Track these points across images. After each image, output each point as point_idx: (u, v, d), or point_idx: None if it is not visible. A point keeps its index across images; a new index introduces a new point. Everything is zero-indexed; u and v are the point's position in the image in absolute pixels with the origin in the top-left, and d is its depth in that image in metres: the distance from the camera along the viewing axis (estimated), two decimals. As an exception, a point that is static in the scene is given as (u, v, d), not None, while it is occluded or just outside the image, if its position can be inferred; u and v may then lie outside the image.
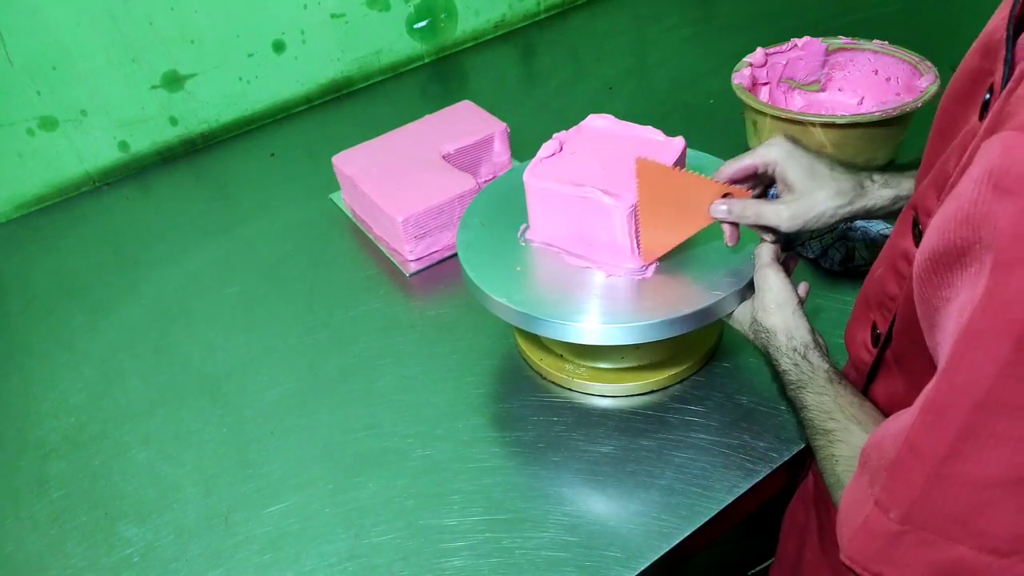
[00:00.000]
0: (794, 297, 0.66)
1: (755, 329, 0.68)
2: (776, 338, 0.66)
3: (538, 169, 0.76)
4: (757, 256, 0.69)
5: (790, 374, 0.64)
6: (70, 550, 0.75)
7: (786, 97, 1.14)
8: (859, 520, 0.47)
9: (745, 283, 0.71)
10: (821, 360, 0.63)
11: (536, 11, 1.60)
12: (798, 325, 0.65)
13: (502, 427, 0.81)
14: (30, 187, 1.23)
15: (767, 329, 0.66)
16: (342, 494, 0.76)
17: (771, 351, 0.66)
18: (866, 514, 0.46)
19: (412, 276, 1.01)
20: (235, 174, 1.27)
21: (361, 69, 1.44)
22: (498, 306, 0.73)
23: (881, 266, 0.59)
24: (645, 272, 0.74)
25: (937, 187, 0.50)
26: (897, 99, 1.05)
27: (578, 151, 0.78)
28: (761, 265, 0.68)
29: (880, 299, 0.59)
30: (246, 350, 0.94)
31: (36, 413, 0.90)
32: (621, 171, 0.74)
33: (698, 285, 0.72)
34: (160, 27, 1.21)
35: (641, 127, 0.79)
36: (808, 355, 0.63)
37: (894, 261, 0.57)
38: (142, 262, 1.10)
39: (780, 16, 1.47)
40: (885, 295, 0.58)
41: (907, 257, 0.54)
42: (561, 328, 0.70)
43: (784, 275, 0.67)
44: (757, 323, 0.68)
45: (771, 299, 0.66)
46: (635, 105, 1.29)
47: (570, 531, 0.70)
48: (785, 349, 0.65)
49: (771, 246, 0.69)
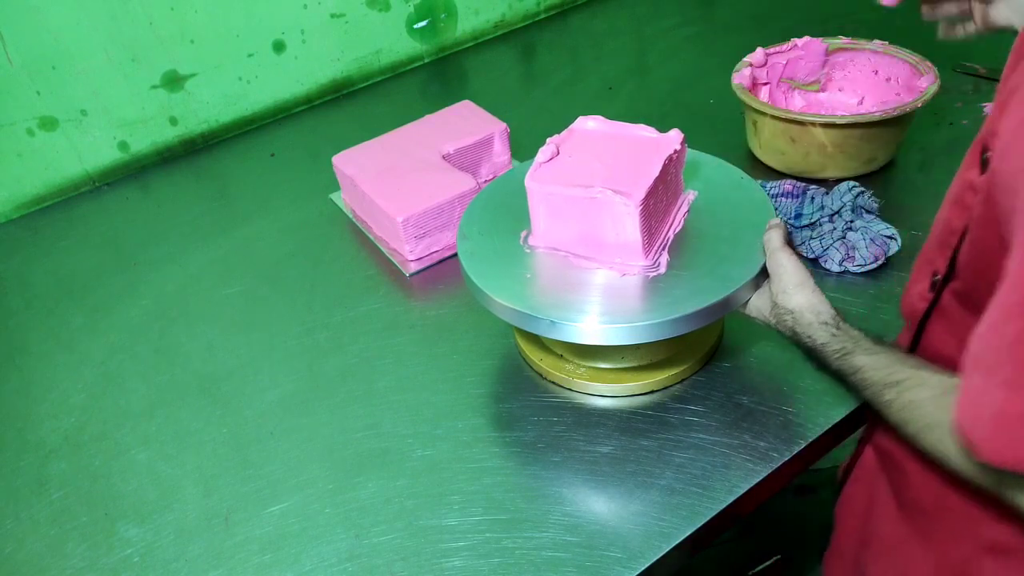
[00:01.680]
0: (810, 276, 0.67)
1: (777, 313, 0.69)
2: (804, 316, 0.66)
3: (539, 174, 0.75)
4: (767, 241, 0.71)
5: (831, 344, 0.64)
6: (70, 550, 0.75)
7: (786, 97, 1.14)
8: (990, 414, 0.46)
9: (754, 274, 0.71)
10: (855, 329, 0.64)
11: (536, 11, 1.60)
12: (821, 301, 0.66)
13: (502, 427, 0.81)
14: (30, 187, 1.23)
15: (791, 311, 0.67)
16: (342, 494, 0.76)
17: (799, 330, 0.67)
18: (997, 404, 0.45)
19: (412, 276, 1.01)
20: (235, 174, 1.27)
21: (361, 69, 1.44)
22: (498, 306, 0.73)
23: (946, 204, 0.61)
24: (657, 268, 0.74)
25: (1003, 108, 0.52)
26: (897, 99, 1.05)
27: (575, 153, 0.78)
28: (773, 250, 0.69)
29: (943, 237, 0.61)
30: (246, 350, 0.94)
31: (36, 413, 0.90)
32: (623, 169, 0.74)
33: (708, 279, 0.72)
34: (160, 27, 1.21)
35: (633, 125, 0.79)
36: (841, 325, 0.64)
37: (960, 195, 0.58)
38: (142, 262, 1.10)
39: (780, 16, 1.47)
40: (949, 231, 0.60)
41: (972, 187, 0.56)
42: (561, 328, 0.70)
43: (796, 256, 0.69)
44: (779, 307, 0.68)
45: (788, 280, 0.67)
46: (635, 105, 1.29)
47: (570, 531, 0.70)
48: (817, 324, 0.65)
49: (779, 230, 0.70)
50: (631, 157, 0.75)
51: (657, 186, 0.73)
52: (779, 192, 0.98)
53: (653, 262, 0.74)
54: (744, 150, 1.11)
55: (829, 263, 0.91)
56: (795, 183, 0.98)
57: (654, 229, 0.75)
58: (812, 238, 0.93)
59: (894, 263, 0.91)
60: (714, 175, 0.84)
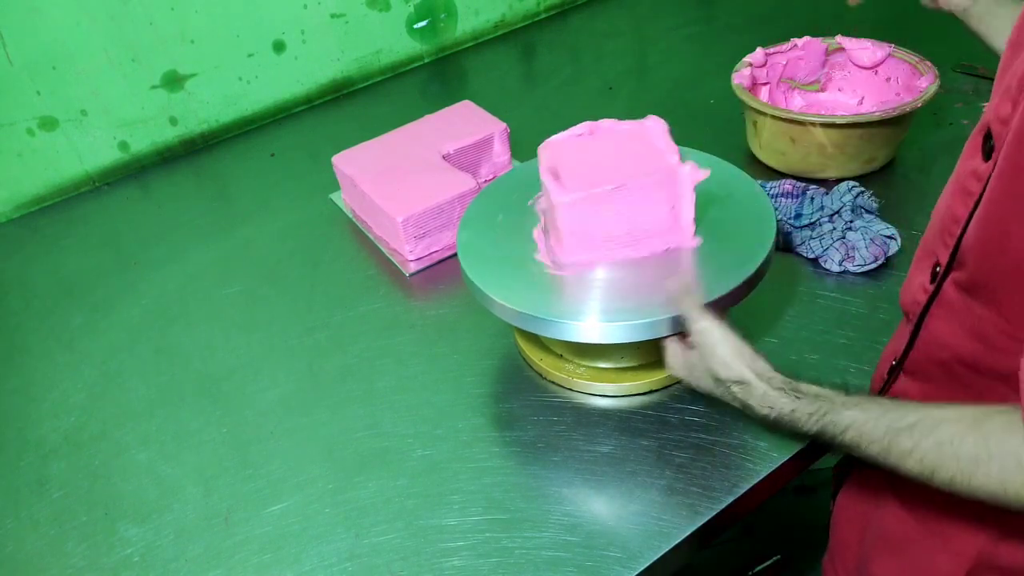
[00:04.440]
0: (743, 342, 0.64)
1: (724, 388, 0.64)
2: (754, 388, 0.61)
3: (565, 188, 0.73)
4: (687, 317, 0.66)
5: (800, 409, 0.59)
6: (70, 550, 0.75)
7: (786, 97, 1.14)
8: None
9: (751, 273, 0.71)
10: (813, 385, 0.60)
11: (536, 11, 1.60)
12: (764, 367, 0.62)
13: (502, 427, 0.81)
14: (30, 187, 1.23)
15: (739, 380, 0.62)
16: (342, 494, 0.76)
17: (753, 402, 0.62)
18: None
19: (412, 276, 1.01)
20: (235, 174, 1.27)
21: (361, 69, 1.44)
22: (498, 306, 0.73)
23: (946, 195, 0.61)
24: (695, 240, 0.75)
25: (1011, 94, 0.51)
26: (897, 99, 1.05)
27: (574, 163, 0.76)
28: (694, 321, 0.65)
29: (945, 225, 0.59)
30: (246, 350, 0.94)
31: (36, 413, 0.90)
32: (630, 158, 0.74)
33: (708, 279, 0.72)
34: (160, 27, 1.21)
35: (604, 121, 0.79)
36: (797, 387, 0.60)
37: (963, 182, 0.57)
38: (142, 262, 1.10)
39: (780, 16, 1.47)
40: (951, 219, 0.59)
41: (976, 174, 0.56)
42: (561, 328, 0.70)
43: (720, 321, 0.65)
44: (722, 381, 0.64)
45: (723, 352, 0.63)
46: (635, 105, 1.29)
47: (570, 531, 0.70)
48: (772, 393, 0.61)
49: (693, 299, 0.67)
50: (628, 147, 0.75)
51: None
52: (779, 192, 0.98)
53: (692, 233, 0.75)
54: (744, 150, 1.11)
55: (829, 263, 0.91)
56: (795, 183, 0.98)
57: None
58: (812, 238, 0.93)
59: (894, 263, 0.91)
60: (714, 175, 0.84)
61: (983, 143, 0.55)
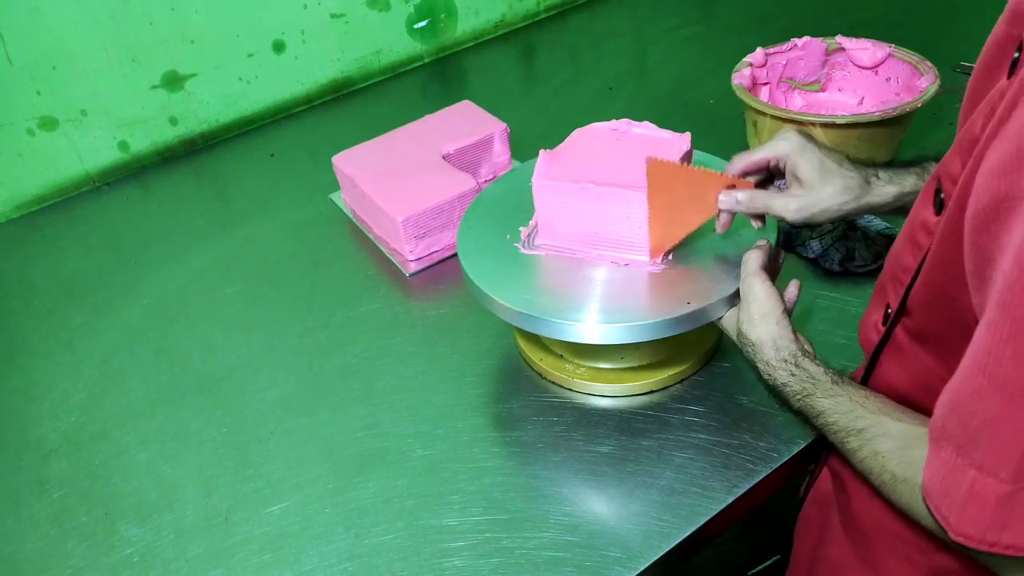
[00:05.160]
0: (779, 306, 0.65)
1: (741, 341, 0.67)
2: (764, 351, 0.64)
3: (549, 172, 0.75)
4: (744, 263, 0.68)
5: (791, 385, 0.62)
6: (70, 550, 0.75)
7: (786, 97, 1.14)
8: (961, 493, 0.44)
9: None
10: (815, 365, 0.62)
11: (536, 11, 1.60)
12: (783, 334, 0.64)
13: (502, 427, 0.81)
14: (30, 187, 1.23)
15: (752, 343, 0.65)
16: (342, 494, 0.76)
17: (760, 365, 0.65)
18: (968, 484, 0.44)
19: (412, 276, 1.01)
20: (235, 174, 1.27)
21: (361, 69, 1.44)
22: (498, 306, 0.74)
23: (899, 240, 0.59)
24: (668, 258, 0.75)
25: (963, 152, 0.49)
26: (897, 99, 1.05)
27: (581, 152, 0.78)
28: (747, 274, 0.66)
29: (895, 272, 0.59)
30: (246, 350, 0.94)
31: (36, 413, 0.90)
32: (630, 166, 0.74)
33: (708, 279, 0.72)
34: (160, 27, 1.21)
35: (641, 124, 0.79)
36: (800, 363, 0.62)
37: (913, 232, 0.56)
38: (142, 262, 1.10)
39: (780, 16, 1.47)
40: (901, 268, 0.58)
41: (926, 227, 0.54)
42: (561, 328, 0.71)
43: (770, 284, 0.66)
44: (743, 335, 0.67)
45: (755, 310, 0.65)
46: (635, 105, 1.29)
47: (570, 531, 0.70)
48: (775, 362, 0.63)
49: (759, 252, 0.67)
50: (636, 153, 0.75)
51: None
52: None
53: (660, 259, 0.75)
54: (744, 150, 1.11)
55: (829, 263, 0.91)
56: (795, 183, 0.98)
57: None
58: (812, 238, 0.93)
59: (894, 263, 0.91)
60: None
61: (935, 195, 0.53)
